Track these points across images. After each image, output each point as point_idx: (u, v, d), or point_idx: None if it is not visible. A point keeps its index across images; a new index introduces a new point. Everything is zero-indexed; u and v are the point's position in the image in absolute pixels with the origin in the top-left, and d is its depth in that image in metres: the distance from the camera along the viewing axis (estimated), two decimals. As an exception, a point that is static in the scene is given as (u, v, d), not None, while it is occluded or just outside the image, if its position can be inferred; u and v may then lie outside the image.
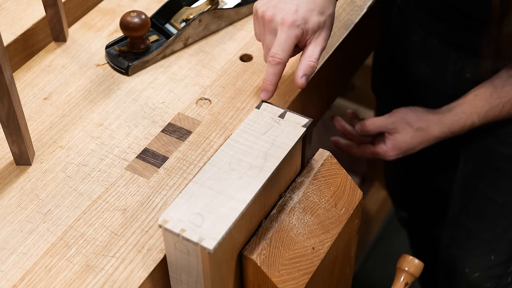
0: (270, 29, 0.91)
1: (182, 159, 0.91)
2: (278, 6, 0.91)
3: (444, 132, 1.12)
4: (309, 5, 0.91)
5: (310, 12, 0.91)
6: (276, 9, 0.91)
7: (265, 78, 0.92)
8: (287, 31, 0.89)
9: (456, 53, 1.14)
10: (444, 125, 1.12)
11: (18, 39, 1.02)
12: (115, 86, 1.01)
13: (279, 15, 0.90)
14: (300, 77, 0.91)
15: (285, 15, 0.89)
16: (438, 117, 1.12)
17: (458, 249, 1.26)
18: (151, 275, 0.79)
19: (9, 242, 0.82)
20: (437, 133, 1.13)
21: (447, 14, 1.12)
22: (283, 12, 0.90)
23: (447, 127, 1.12)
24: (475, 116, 1.09)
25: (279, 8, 0.91)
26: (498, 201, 1.19)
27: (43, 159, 0.91)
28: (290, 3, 0.91)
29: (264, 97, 0.92)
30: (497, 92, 1.07)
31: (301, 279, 0.84)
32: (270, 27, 0.91)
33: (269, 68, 0.91)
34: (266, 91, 0.92)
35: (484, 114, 1.09)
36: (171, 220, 0.73)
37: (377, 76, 1.40)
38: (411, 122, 1.14)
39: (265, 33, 0.93)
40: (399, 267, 1.04)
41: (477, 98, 1.09)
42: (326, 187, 0.89)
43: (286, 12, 0.90)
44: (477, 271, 1.23)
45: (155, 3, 1.14)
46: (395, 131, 1.15)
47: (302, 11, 0.90)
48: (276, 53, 0.90)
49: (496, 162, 1.18)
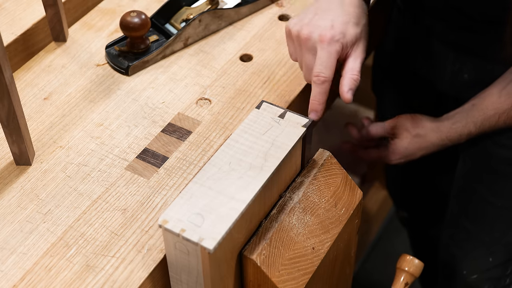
0: (308, 47, 0.90)
1: (182, 159, 0.91)
2: (313, 23, 0.90)
3: (442, 139, 1.14)
4: (344, 18, 0.90)
5: (346, 25, 0.90)
6: (311, 27, 0.89)
7: (312, 99, 0.90)
8: (327, 47, 0.88)
9: (454, 53, 1.14)
10: (441, 132, 1.14)
11: (18, 39, 1.02)
12: (115, 86, 1.01)
13: (316, 33, 0.89)
14: (346, 92, 0.91)
15: (322, 31, 0.88)
16: (436, 125, 1.14)
17: (456, 251, 1.26)
18: (151, 275, 0.79)
19: (9, 242, 0.82)
20: (435, 140, 1.15)
21: (448, 14, 1.12)
22: (320, 29, 0.89)
23: (445, 135, 1.14)
24: (472, 126, 1.11)
25: (315, 26, 0.89)
26: (496, 204, 1.19)
27: (43, 159, 0.91)
28: (325, 19, 0.89)
29: (314, 117, 0.91)
30: (492, 103, 1.08)
31: (301, 279, 0.84)
32: (308, 46, 0.90)
33: (315, 88, 0.90)
34: (315, 111, 0.91)
35: (480, 123, 1.10)
36: (171, 220, 0.73)
37: (377, 76, 1.41)
38: (409, 128, 1.17)
39: (302, 53, 0.92)
40: (399, 267, 1.04)
41: (474, 108, 1.10)
42: (326, 187, 0.89)
43: (322, 28, 0.88)
44: (475, 273, 1.23)
45: (155, 3, 1.14)
46: (395, 136, 1.19)
47: (338, 26, 0.89)
48: (320, 72, 0.89)
49: (495, 165, 1.18)
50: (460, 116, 1.12)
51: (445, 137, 1.14)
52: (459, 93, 1.17)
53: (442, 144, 1.15)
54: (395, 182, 1.59)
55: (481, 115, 1.09)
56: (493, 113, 1.08)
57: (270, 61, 1.04)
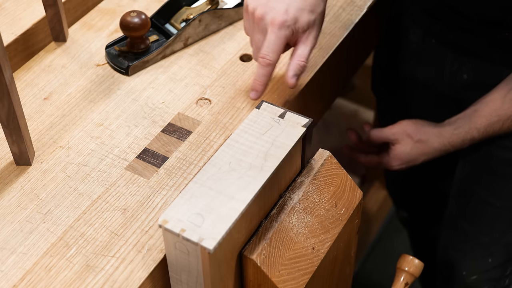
0: (260, 28, 0.91)
1: (182, 159, 0.91)
2: (269, 4, 0.90)
3: (444, 145, 1.14)
4: (300, 4, 0.90)
5: (300, 11, 0.90)
6: (266, 8, 0.90)
7: (255, 78, 0.92)
8: (277, 32, 0.89)
9: (453, 54, 1.14)
10: (444, 138, 1.14)
11: (18, 39, 1.02)
12: (115, 86, 1.01)
13: (270, 15, 0.89)
14: (291, 77, 0.91)
15: (275, 15, 0.89)
16: (438, 130, 1.14)
17: (455, 252, 1.26)
18: (151, 275, 0.79)
19: (9, 242, 0.82)
20: (437, 145, 1.15)
21: (445, 15, 1.12)
22: (274, 12, 0.89)
23: (447, 140, 1.14)
24: (475, 131, 1.11)
25: (270, 7, 0.90)
26: (495, 205, 1.19)
27: (43, 159, 0.91)
28: (281, 2, 0.90)
29: (254, 96, 0.93)
30: (496, 109, 1.08)
31: (301, 279, 0.84)
32: (260, 26, 0.91)
33: (260, 69, 0.91)
34: (256, 91, 0.93)
35: (484, 129, 1.10)
36: (171, 220, 0.73)
37: (377, 76, 1.41)
38: (411, 134, 1.17)
39: (254, 31, 0.93)
40: (399, 267, 1.04)
41: (476, 114, 1.10)
42: (326, 187, 0.89)
43: (276, 11, 0.89)
44: (474, 274, 1.23)
45: (155, 3, 1.14)
46: (396, 142, 1.20)
47: (292, 11, 0.89)
48: (266, 54, 0.90)
49: (494, 166, 1.18)
50: (462, 121, 1.12)
51: (447, 142, 1.14)
52: (458, 93, 1.17)
53: (444, 150, 1.15)
54: (395, 182, 1.59)
55: (484, 121, 1.09)
56: (497, 119, 1.08)
57: (270, 61, 1.04)
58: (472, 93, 1.13)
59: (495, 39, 1.09)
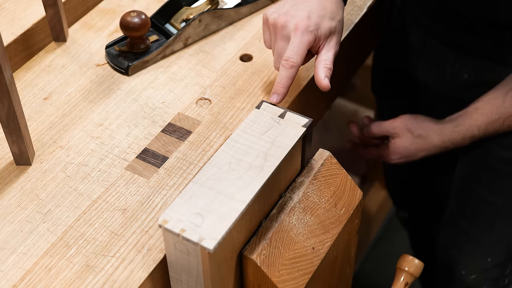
0: (283, 35, 0.91)
1: (182, 159, 0.91)
2: (290, 13, 0.91)
3: (444, 142, 1.15)
4: (320, 12, 0.91)
5: (321, 18, 0.91)
6: (288, 16, 0.91)
7: (278, 81, 0.91)
8: (301, 36, 0.89)
9: (454, 54, 1.14)
10: (444, 135, 1.14)
11: (18, 39, 1.02)
12: (115, 86, 1.01)
13: (292, 22, 0.90)
14: (323, 79, 0.90)
15: (298, 21, 0.90)
16: (439, 127, 1.15)
17: (455, 251, 1.26)
18: (151, 275, 0.79)
19: (9, 242, 0.82)
20: (437, 142, 1.15)
21: (447, 16, 1.12)
22: (296, 19, 0.90)
23: (447, 137, 1.14)
24: (475, 129, 1.11)
25: (291, 15, 0.91)
26: (495, 204, 1.19)
27: (43, 159, 0.91)
28: (302, 9, 0.91)
29: (275, 100, 0.90)
30: (497, 107, 1.08)
31: (301, 279, 0.84)
32: (283, 34, 0.91)
33: (282, 72, 0.90)
34: (278, 94, 0.91)
35: (484, 127, 1.10)
36: (171, 220, 0.73)
37: (377, 76, 1.41)
38: (412, 128, 1.18)
39: (276, 40, 0.93)
40: (399, 267, 1.04)
41: (477, 112, 1.10)
42: (326, 187, 0.89)
43: (299, 18, 0.90)
44: (473, 273, 1.23)
45: (155, 3, 1.14)
46: (396, 135, 1.20)
47: (314, 17, 0.90)
48: (290, 57, 0.89)
49: (493, 165, 1.18)
50: (463, 119, 1.12)
51: (448, 139, 1.14)
52: (458, 94, 1.18)
53: (444, 147, 1.15)
54: (395, 182, 1.59)
55: (485, 119, 1.10)
56: (498, 117, 1.09)
57: (270, 61, 1.04)
58: (473, 93, 1.13)
59: (497, 39, 1.09)
